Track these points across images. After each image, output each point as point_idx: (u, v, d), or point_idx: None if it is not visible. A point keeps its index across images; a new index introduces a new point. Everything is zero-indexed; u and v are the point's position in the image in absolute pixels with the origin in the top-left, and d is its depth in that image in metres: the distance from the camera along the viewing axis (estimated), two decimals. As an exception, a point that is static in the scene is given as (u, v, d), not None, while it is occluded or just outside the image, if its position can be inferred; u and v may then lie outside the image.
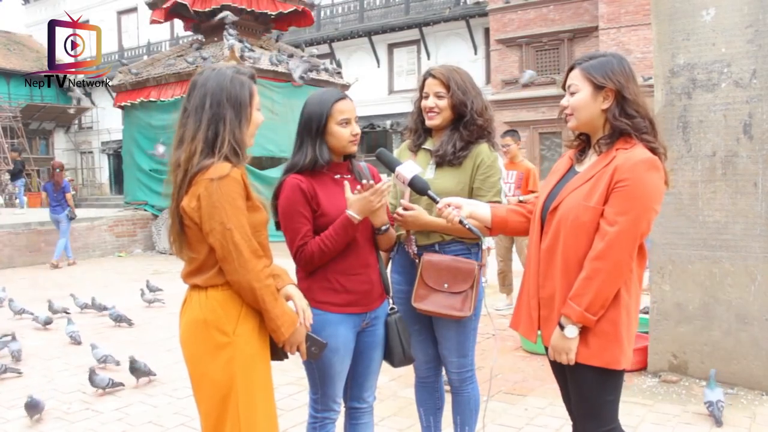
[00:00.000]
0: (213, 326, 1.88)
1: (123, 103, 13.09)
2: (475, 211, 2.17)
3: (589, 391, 1.98)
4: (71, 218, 10.41)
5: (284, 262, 2.15)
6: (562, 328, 1.92)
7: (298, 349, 2.01)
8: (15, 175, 17.89)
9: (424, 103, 2.52)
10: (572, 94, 2.00)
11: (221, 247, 1.84)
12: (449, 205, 2.13)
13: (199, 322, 1.90)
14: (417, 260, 2.48)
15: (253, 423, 1.90)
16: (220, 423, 1.90)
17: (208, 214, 1.83)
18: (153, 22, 13.87)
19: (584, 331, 1.91)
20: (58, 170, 10.61)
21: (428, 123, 2.51)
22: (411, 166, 2.25)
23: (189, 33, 15.19)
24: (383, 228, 2.26)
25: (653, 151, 1.92)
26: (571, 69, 2.03)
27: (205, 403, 1.93)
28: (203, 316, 1.89)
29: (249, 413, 1.89)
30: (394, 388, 4.01)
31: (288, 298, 2.02)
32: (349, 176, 2.31)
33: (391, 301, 2.38)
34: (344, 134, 2.22)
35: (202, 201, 1.83)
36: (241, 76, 1.95)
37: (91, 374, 4.09)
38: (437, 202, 2.16)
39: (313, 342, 2.05)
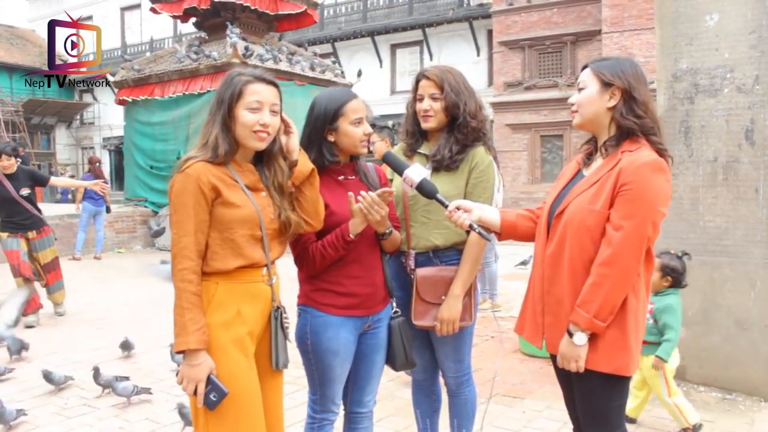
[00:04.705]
0: None
1: (125, 97, 13.06)
2: (484, 215, 2.11)
3: (598, 398, 1.96)
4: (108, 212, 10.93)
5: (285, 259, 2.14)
6: (570, 335, 1.89)
7: (195, 391, 1.83)
8: None
9: (418, 105, 2.46)
10: (581, 91, 1.99)
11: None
12: (458, 209, 2.09)
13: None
14: (413, 275, 2.44)
15: (219, 422, 1.86)
16: (197, 412, 1.89)
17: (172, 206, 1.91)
18: (152, 9, 13.83)
19: (593, 338, 1.89)
20: (97, 164, 11.14)
21: (424, 125, 2.47)
22: (419, 169, 2.19)
23: (192, 30, 15.16)
24: (387, 232, 2.22)
25: (660, 152, 1.89)
26: (584, 69, 2.02)
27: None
28: None
29: (212, 411, 1.85)
30: (391, 389, 4.00)
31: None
32: (354, 177, 2.28)
33: (394, 304, 2.35)
34: (357, 134, 2.19)
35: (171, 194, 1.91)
36: (237, 76, 1.94)
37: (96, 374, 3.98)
38: (446, 206, 2.11)
39: (215, 388, 1.83)
